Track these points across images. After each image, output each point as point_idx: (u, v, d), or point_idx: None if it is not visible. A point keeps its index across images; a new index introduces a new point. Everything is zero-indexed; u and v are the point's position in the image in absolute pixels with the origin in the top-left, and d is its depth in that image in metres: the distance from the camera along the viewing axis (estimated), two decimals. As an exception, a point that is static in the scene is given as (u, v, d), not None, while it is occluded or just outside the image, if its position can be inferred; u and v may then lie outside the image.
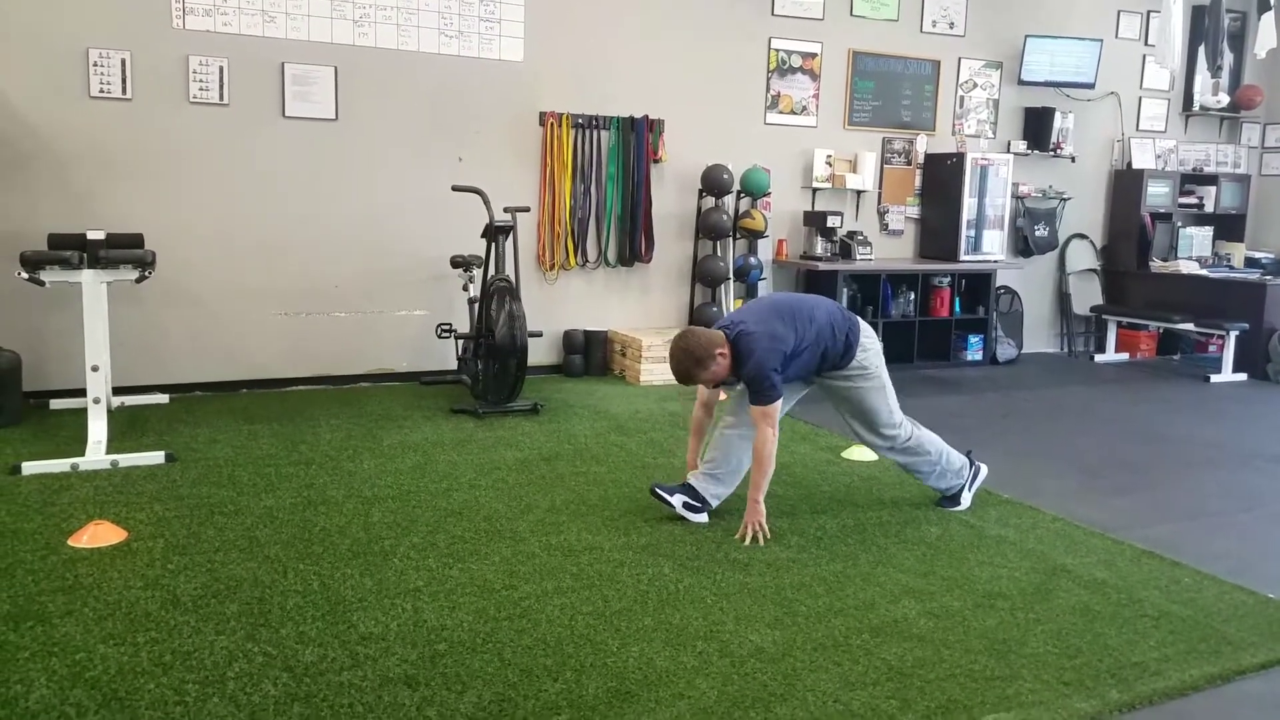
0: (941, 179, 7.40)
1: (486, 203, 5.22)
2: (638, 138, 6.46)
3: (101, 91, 5.19)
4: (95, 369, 4.42)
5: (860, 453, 4.53)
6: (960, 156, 7.29)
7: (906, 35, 7.28)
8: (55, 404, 5.06)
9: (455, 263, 5.83)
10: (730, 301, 6.72)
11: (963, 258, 7.30)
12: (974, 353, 7.45)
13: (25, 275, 4.27)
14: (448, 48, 5.96)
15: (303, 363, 5.79)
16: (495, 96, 6.07)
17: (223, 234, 5.47)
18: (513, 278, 5.20)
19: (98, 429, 4.32)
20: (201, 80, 5.40)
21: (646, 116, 6.46)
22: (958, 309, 7.38)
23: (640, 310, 6.70)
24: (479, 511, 3.59)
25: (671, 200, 6.67)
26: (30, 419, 4.76)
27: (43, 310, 5.09)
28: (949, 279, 7.33)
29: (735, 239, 6.76)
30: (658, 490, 3.55)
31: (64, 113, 5.11)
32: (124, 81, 5.24)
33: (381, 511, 3.57)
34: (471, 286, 5.84)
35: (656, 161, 6.57)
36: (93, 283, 4.41)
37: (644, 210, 6.53)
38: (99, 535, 3.20)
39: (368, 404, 5.35)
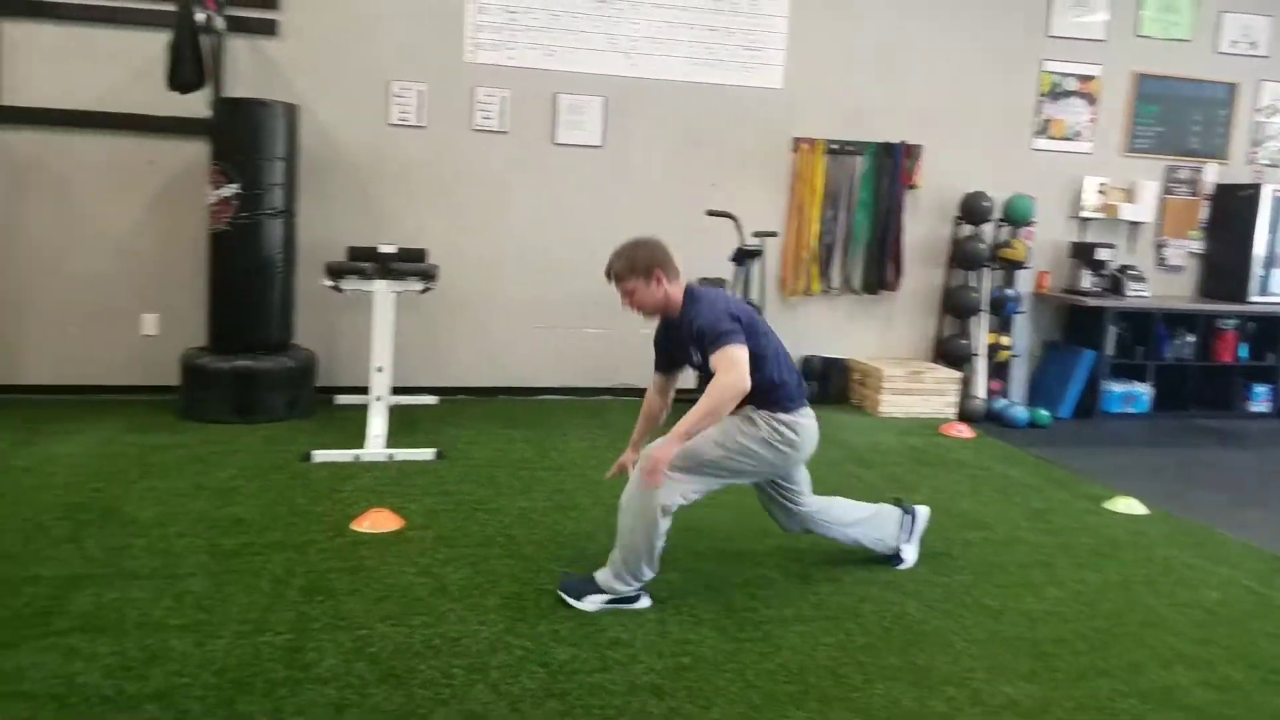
0: (1232, 211, 6.74)
1: (738, 227, 5.30)
2: (893, 163, 6.33)
3: (400, 120, 5.73)
4: (380, 370, 4.87)
5: (1125, 504, 4.20)
6: (1256, 188, 6.62)
7: (1199, 56, 6.71)
8: (340, 399, 5.60)
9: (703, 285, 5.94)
10: (984, 335, 6.42)
11: (1252, 298, 6.62)
12: (1260, 403, 6.73)
13: (329, 283, 4.78)
14: (710, 76, 6.11)
15: (554, 374, 6.10)
16: (751, 123, 6.16)
17: (494, 251, 5.87)
18: (758, 301, 5.24)
19: (378, 425, 4.76)
20: (485, 110, 5.84)
21: (904, 142, 6.33)
22: (1243, 354, 6.69)
23: (882, 340, 6.55)
24: (717, 531, 3.64)
25: (924, 227, 6.49)
26: (319, 412, 5.30)
27: (336, 314, 5.66)
28: (1235, 321, 6.66)
29: (992, 269, 6.47)
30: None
31: (366, 138, 5.68)
32: (419, 110, 5.75)
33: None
34: (718, 309, 5.92)
35: (911, 188, 6.41)
36: (384, 292, 4.86)
37: (894, 237, 6.39)
38: (378, 522, 3.52)
39: (611, 416, 5.56)
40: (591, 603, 2.88)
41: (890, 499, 3.43)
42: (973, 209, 6.32)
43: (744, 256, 5.26)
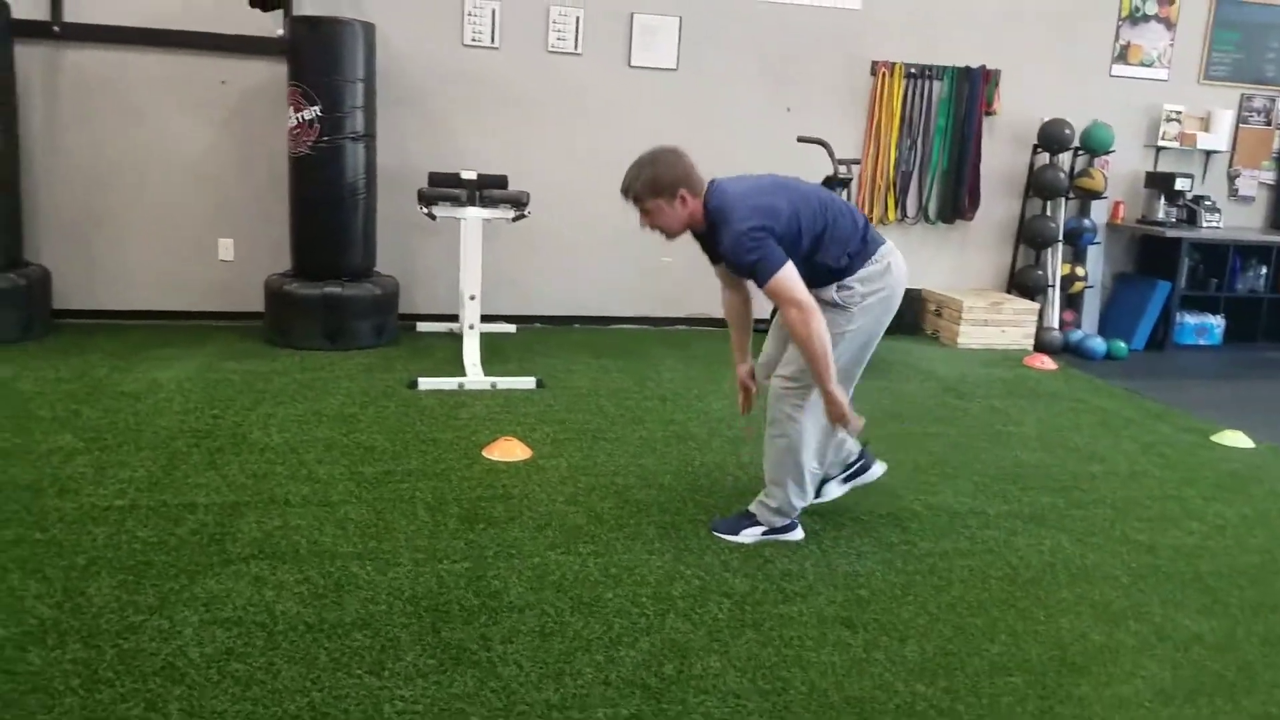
0: (1311, 141, 6.62)
1: (831, 154, 5.20)
2: (971, 89, 6.19)
3: (474, 40, 5.56)
4: (472, 298, 4.82)
5: (1232, 438, 4.20)
6: (1338, 117, 6.49)
7: (1286, -21, 6.52)
8: (421, 326, 5.55)
9: (781, 213, 5.84)
10: (1058, 265, 6.36)
11: (1328, 231, 6.54)
12: (1331, 336, 6.70)
13: (424, 209, 4.69)
14: (787, -4, 5.92)
15: (629, 303, 6.04)
16: (829, 45, 6.00)
17: (567, 177, 5.74)
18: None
19: (472, 352, 4.72)
20: (559, 30, 5.67)
21: (984, 66, 6.17)
22: (1316, 287, 6.64)
23: (957, 270, 6.49)
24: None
25: (1001, 156, 6.37)
26: (404, 340, 5.25)
27: (414, 240, 5.57)
28: (1309, 253, 6.59)
29: (1068, 199, 6.37)
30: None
31: (439, 59, 5.52)
32: (493, 31, 5.58)
33: (750, 453, 3.68)
34: (795, 237, 5.84)
35: (989, 114, 6.28)
36: (475, 219, 4.78)
37: (972, 165, 6.28)
38: (508, 450, 3.50)
39: (697, 347, 5.52)
40: (749, 535, 2.88)
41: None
42: (1052, 137, 6.20)
43: (834, 185, 5.15)
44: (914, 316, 6.30)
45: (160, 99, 5.22)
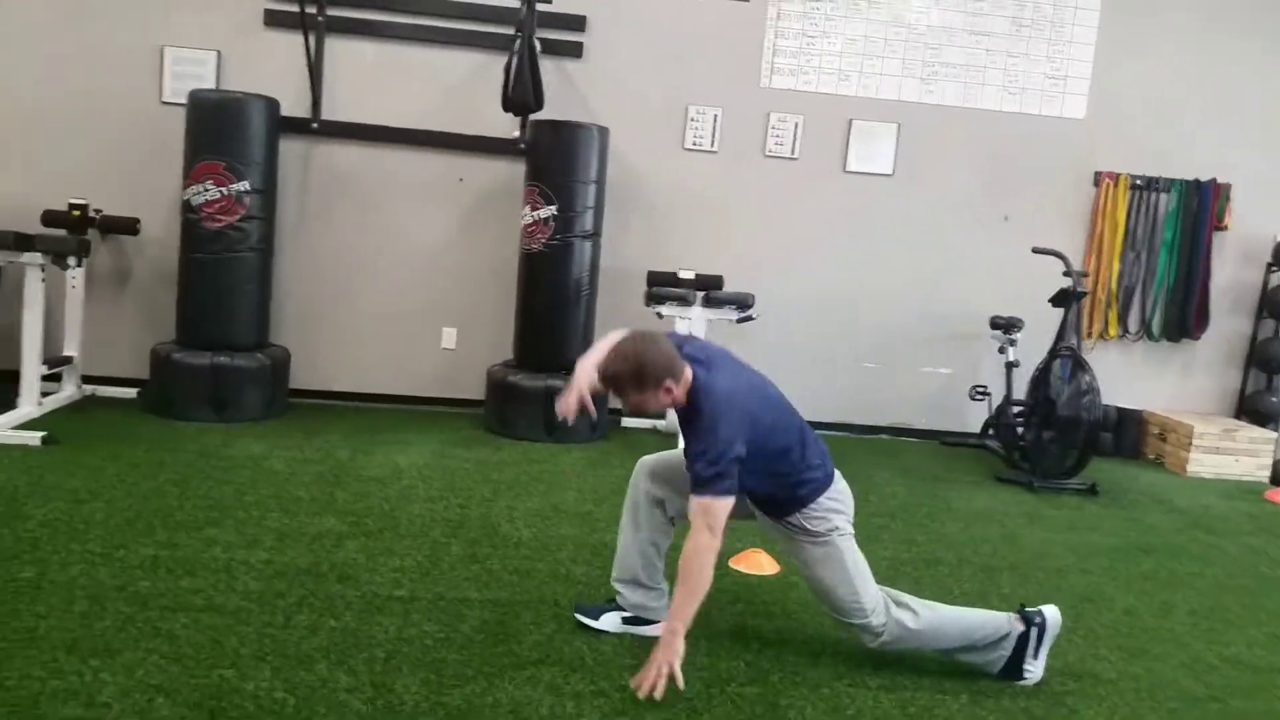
0: None
1: (1068, 266, 5.04)
2: (1201, 202, 5.94)
3: (694, 144, 5.69)
4: (692, 398, 4.80)
5: None
6: None
7: None
8: (626, 422, 5.58)
9: (995, 324, 5.68)
10: (1295, 392, 5.94)
11: None
12: None
13: (655, 308, 4.76)
14: (1008, 105, 5.87)
15: (830, 409, 5.93)
16: (1050, 155, 5.88)
17: (778, 280, 5.74)
18: (1074, 346, 4.96)
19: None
20: (778, 135, 5.75)
21: (1214, 180, 5.92)
22: None
23: (1180, 391, 6.14)
24: (1115, 603, 3.39)
25: (1231, 272, 6.06)
26: (614, 436, 5.31)
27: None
28: None
29: (1306, 322, 5.98)
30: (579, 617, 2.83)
31: (661, 161, 5.66)
32: (714, 135, 5.70)
33: (1010, 580, 3.49)
34: (1010, 350, 5.64)
35: (1220, 229, 6.00)
36: (700, 319, 4.82)
37: (1201, 281, 5.99)
38: (756, 563, 3.43)
39: (903, 457, 5.36)
40: (1033, 671, 2.69)
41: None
42: (1291, 255, 5.86)
43: (1071, 298, 4.98)
44: (1135, 439, 5.97)
45: (399, 193, 5.51)
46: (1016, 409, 5.29)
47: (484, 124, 5.46)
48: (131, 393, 5.19)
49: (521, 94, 4.93)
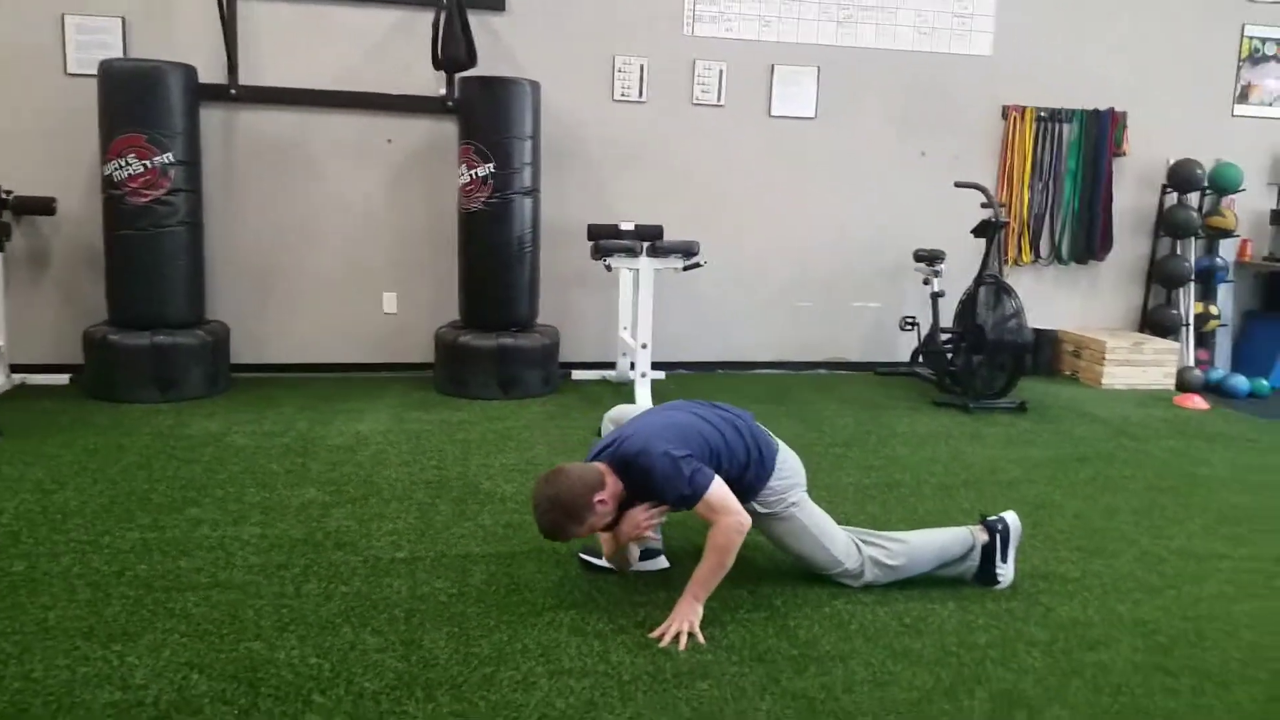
0: None
1: (989, 198, 5.28)
2: (1101, 130, 6.27)
3: (622, 95, 5.72)
4: (644, 346, 4.91)
5: None
6: None
7: None
8: (576, 374, 5.65)
9: (919, 257, 5.92)
10: (1190, 304, 6.38)
11: None
12: None
13: (604, 261, 4.81)
14: (920, 44, 6.05)
15: (769, 348, 6.12)
16: (961, 92, 6.11)
17: (710, 226, 5.84)
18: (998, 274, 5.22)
19: (644, 398, 4.82)
20: (704, 83, 5.82)
21: (1112, 109, 6.26)
22: None
23: (1089, 310, 6.53)
24: (1064, 509, 3.66)
25: (1129, 196, 6.44)
26: (566, 388, 5.36)
27: (569, 292, 5.70)
28: None
29: (1198, 238, 6.41)
30: (582, 557, 2.95)
31: (593, 114, 5.67)
32: (641, 85, 5.74)
33: (966, 496, 3.73)
34: (935, 281, 5.90)
35: (1118, 155, 6.35)
36: (647, 269, 4.89)
37: (1103, 206, 6.35)
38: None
39: (841, 389, 5.59)
40: (1005, 574, 2.92)
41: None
42: (1183, 177, 6.26)
43: (993, 229, 5.23)
44: (1050, 357, 6.33)
45: (326, 158, 5.39)
46: (945, 336, 5.55)
47: (409, 83, 5.38)
48: (64, 379, 5.02)
49: (453, 50, 4.87)
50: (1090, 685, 2.37)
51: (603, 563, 2.90)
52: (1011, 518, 2.98)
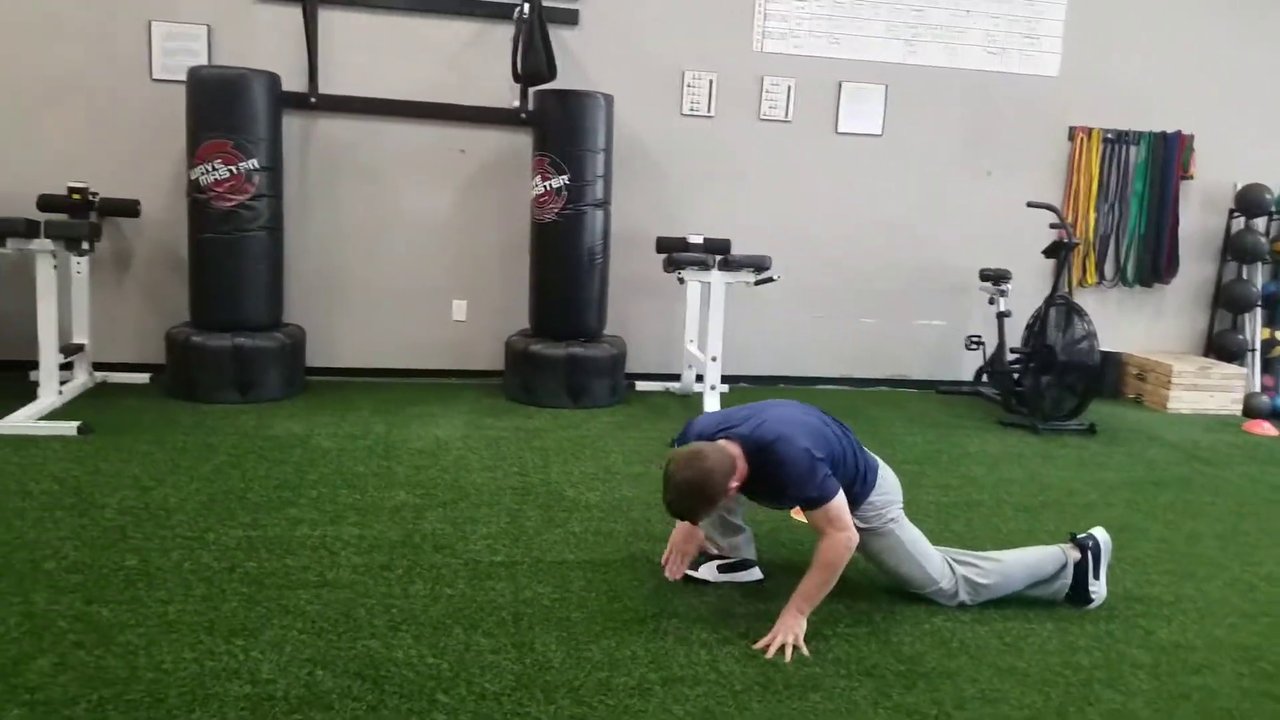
0: None
1: (1061, 219, 5.28)
2: (1168, 153, 6.25)
3: (691, 110, 5.77)
4: (715, 359, 4.95)
5: None
6: None
7: None
8: (640, 385, 5.70)
9: (985, 276, 5.92)
10: (1257, 329, 6.33)
11: None
12: None
13: (676, 274, 4.86)
14: (987, 64, 6.06)
15: (831, 363, 6.13)
16: (1028, 111, 6.11)
17: (776, 240, 5.85)
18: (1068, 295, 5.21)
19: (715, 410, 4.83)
20: (772, 99, 5.86)
21: (1179, 132, 6.23)
22: None
23: (1152, 333, 6.49)
24: (1148, 533, 3.64)
25: (1195, 219, 6.40)
26: (630, 399, 5.41)
27: (633, 303, 5.74)
28: None
29: (1265, 263, 6.36)
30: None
31: (660, 127, 5.73)
32: (710, 100, 5.79)
33: (1048, 517, 3.72)
34: (1001, 300, 5.89)
35: (1186, 178, 6.32)
36: (719, 283, 4.93)
37: (1170, 229, 6.32)
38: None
39: (908, 408, 5.59)
40: (1097, 592, 2.92)
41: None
42: (1251, 201, 6.22)
43: (1063, 249, 5.23)
44: (1114, 380, 6.30)
45: (400, 167, 5.47)
46: (1013, 356, 5.54)
47: (483, 94, 5.46)
48: (144, 378, 5.12)
49: (534, 64, 4.94)
50: (1199, 710, 2.37)
51: (698, 574, 2.93)
52: (1102, 534, 2.98)
